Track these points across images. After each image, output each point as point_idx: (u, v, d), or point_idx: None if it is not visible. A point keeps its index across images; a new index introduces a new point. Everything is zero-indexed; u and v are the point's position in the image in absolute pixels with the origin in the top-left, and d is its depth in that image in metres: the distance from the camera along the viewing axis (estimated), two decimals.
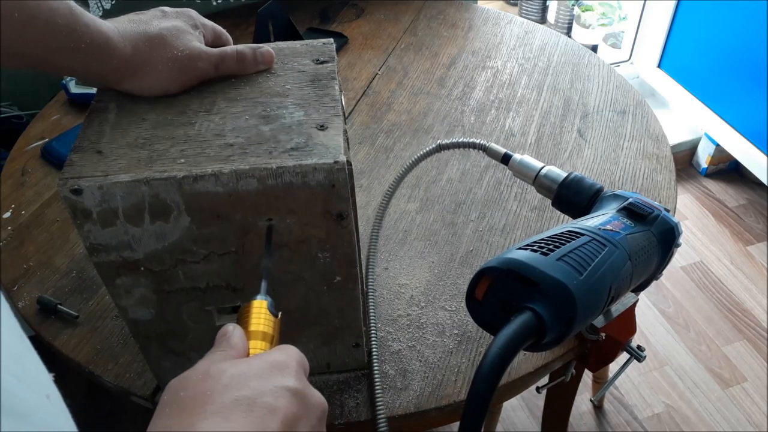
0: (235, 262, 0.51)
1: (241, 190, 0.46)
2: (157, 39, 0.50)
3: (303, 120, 0.50)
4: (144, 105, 0.52)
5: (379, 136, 0.93)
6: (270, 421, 0.33)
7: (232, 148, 0.47)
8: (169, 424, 0.33)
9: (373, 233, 0.76)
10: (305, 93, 0.53)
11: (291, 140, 0.48)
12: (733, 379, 1.43)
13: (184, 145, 0.48)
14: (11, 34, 0.44)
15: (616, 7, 2.27)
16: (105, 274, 0.50)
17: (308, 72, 0.55)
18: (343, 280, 0.54)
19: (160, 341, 0.57)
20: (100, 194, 0.45)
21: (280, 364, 0.36)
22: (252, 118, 0.50)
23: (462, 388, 0.62)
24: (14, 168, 0.91)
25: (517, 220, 0.79)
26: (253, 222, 0.48)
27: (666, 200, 0.82)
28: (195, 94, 0.53)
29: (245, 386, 0.34)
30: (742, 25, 1.62)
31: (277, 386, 0.34)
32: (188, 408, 0.33)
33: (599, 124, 0.96)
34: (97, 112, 0.51)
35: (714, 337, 1.52)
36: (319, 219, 0.49)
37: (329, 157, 0.46)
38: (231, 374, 0.34)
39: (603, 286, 0.47)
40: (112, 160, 0.46)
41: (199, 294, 0.53)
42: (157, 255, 0.49)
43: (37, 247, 0.78)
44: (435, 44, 1.14)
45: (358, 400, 0.61)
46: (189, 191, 0.46)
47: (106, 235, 0.47)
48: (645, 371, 1.45)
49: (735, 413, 1.37)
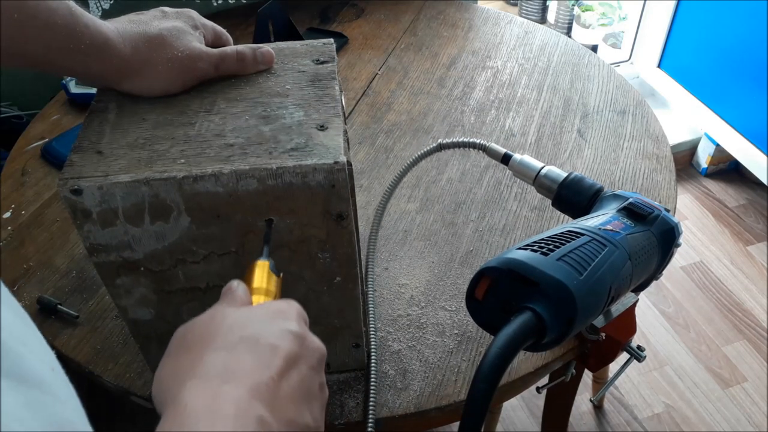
0: (236, 262, 0.51)
1: (241, 190, 0.46)
2: (157, 39, 0.50)
3: (303, 120, 0.50)
4: (144, 105, 0.52)
5: (379, 136, 0.93)
6: (273, 357, 0.35)
7: (232, 149, 0.47)
8: (176, 364, 0.35)
9: (372, 233, 0.76)
10: (305, 93, 0.53)
11: (291, 140, 0.48)
12: (733, 379, 1.43)
13: (184, 146, 0.48)
14: (11, 34, 0.45)
15: (616, 7, 2.27)
16: (105, 275, 0.50)
17: (308, 72, 0.55)
18: (343, 280, 0.54)
19: (160, 341, 0.57)
20: (100, 194, 0.45)
21: (282, 311, 0.38)
22: (252, 119, 0.50)
23: (462, 388, 0.62)
24: (14, 168, 0.91)
25: (517, 220, 0.79)
26: (253, 222, 0.48)
27: (666, 200, 0.82)
28: (195, 95, 0.53)
29: (249, 327, 0.36)
30: (742, 25, 1.62)
31: (280, 328, 0.36)
32: (194, 348, 0.35)
33: (599, 124, 0.96)
34: (97, 113, 0.51)
35: (714, 337, 1.52)
36: (319, 219, 0.49)
37: (329, 157, 0.46)
38: (235, 317, 0.37)
39: (603, 286, 0.47)
40: (112, 161, 0.46)
41: (199, 294, 0.53)
42: (157, 255, 0.49)
43: (37, 247, 0.78)
44: (435, 44, 1.14)
45: (357, 400, 0.61)
46: (189, 191, 0.46)
47: (106, 236, 0.47)
48: (645, 371, 1.45)
49: (735, 413, 1.37)
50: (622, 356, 0.65)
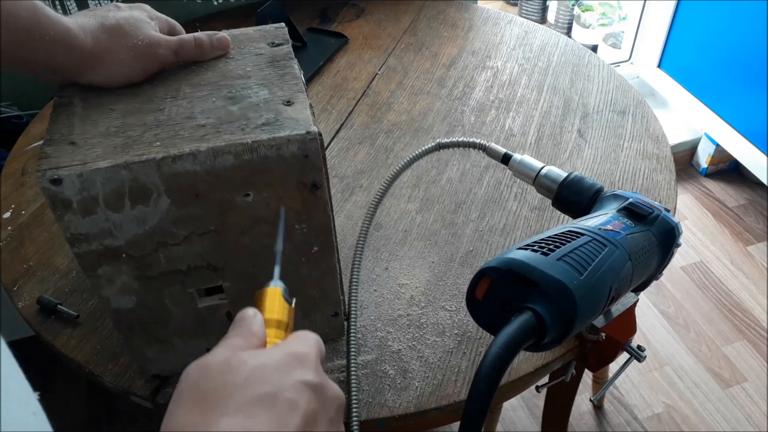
0: (215, 240, 0.52)
1: (219, 166, 0.47)
2: (116, 29, 0.52)
3: (269, 98, 0.52)
4: (110, 96, 0.53)
5: (379, 136, 0.93)
6: (291, 417, 0.33)
7: (204, 129, 0.48)
8: (190, 419, 0.33)
9: (363, 226, 0.76)
10: (266, 74, 0.55)
11: (261, 117, 0.49)
12: (733, 379, 1.43)
13: (157, 130, 0.48)
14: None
15: (616, 7, 2.27)
16: (86, 265, 0.51)
17: (266, 54, 0.57)
18: (320, 250, 0.56)
19: (143, 329, 0.57)
20: (80, 182, 0.45)
21: (300, 355, 0.37)
22: (219, 100, 0.52)
23: (462, 388, 0.62)
24: (14, 168, 0.91)
25: (517, 220, 0.79)
26: (231, 199, 0.50)
27: (666, 200, 0.82)
28: (159, 83, 0.54)
29: (266, 381, 0.34)
30: (742, 25, 1.62)
31: (297, 380, 0.35)
32: (210, 402, 0.33)
33: (599, 124, 0.96)
34: (62, 107, 0.52)
35: (714, 337, 1.52)
36: (294, 190, 0.50)
37: (301, 129, 0.48)
38: (252, 367, 0.35)
39: (603, 286, 0.47)
40: (88, 149, 0.47)
41: (180, 276, 0.53)
42: (138, 240, 0.50)
43: (37, 247, 0.78)
44: (435, 44, 1.14)
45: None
46: (168, 172, 0.47)
47: (87, 224, 0.48)
48: (645, 371, 1.45)
49: (735, 413, 1.37)
50: (622, 356, 0.65)
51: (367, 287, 0.71)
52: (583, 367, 0.71)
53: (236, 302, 0.57)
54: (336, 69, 1.08)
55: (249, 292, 0.56)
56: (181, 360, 0.60)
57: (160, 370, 0.61)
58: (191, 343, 0.60)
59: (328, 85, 1.04)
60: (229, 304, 0.57)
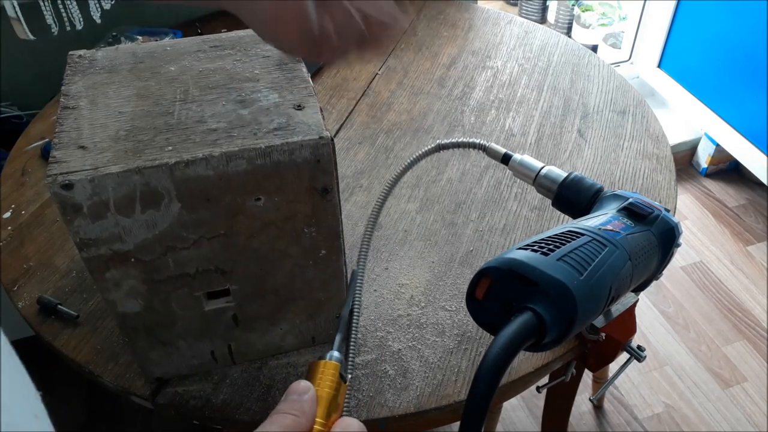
0: (224, 244, 0.52)
1: (231, 171, 0.47)
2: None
3: (279, 102, 0.51)
4: (116, 99, 0.52)
5: (379, 136, 0.93)
6: None
7: (216, 133, 0.48)
8: None
9: (367, 230, 0.75)
10: (275, 77, 0.54)
11: (272, 121, 0.49)
12: (733, 379, 1.43)
13: (168, 134, 0.48)
14: None
15: (616, 7, 2.27)
16: (95, 269, 0.50)
17: (273, 57, 0.57)
18: (328, 253, 0.56)
19: (148, 332, 0.57)
20: (91, 187, 0.45)
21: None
22: (229, 104, 0.51)
23: (462, 388, 0.62)
24: (14, 168, 0.91)
25: (517, 220, 0.79)
26: (242, 203, 0.49)
27: (666, 200, 0.82)
28: (165, 85, 0.54)
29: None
30: (742, 25, 1.62)
31: None
32: None
33: (599, 124, 0.96)
34: (68, 109, 0.52)
35: (714, 337, 1.52)
36: (304, 195, 0.50)
37: (313, 133, 0.48)
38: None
39: (603, 286, 0.47)
40: (98, 154, 0.46)
41: (188, 280, 0.53)
42: (148, 244, 0.50)
43: (37, 247, 0.78)
44: (435, 44, 1.14)
45: (357, 399, 0.61)
46: (180, 177, 0.46)
47: (97, 229, 0.47)
48: (645, 371, 1.45)
49: (735, 413, 1.37)
50: (622, 356, 0.65)
51: (367, 287, 0.71)
52: (583, 367, 0.71)
53: (242, 305, 0.57)
54: (336, 69, 1.08)
55: (255, 294, 0.57)
56: (185, 362, 0.60)
57: (163, 372, 0.61)
58: (196, 346, 0.59)
59: (328, 85, 1.04)
60: (235, 307, 0.57)
